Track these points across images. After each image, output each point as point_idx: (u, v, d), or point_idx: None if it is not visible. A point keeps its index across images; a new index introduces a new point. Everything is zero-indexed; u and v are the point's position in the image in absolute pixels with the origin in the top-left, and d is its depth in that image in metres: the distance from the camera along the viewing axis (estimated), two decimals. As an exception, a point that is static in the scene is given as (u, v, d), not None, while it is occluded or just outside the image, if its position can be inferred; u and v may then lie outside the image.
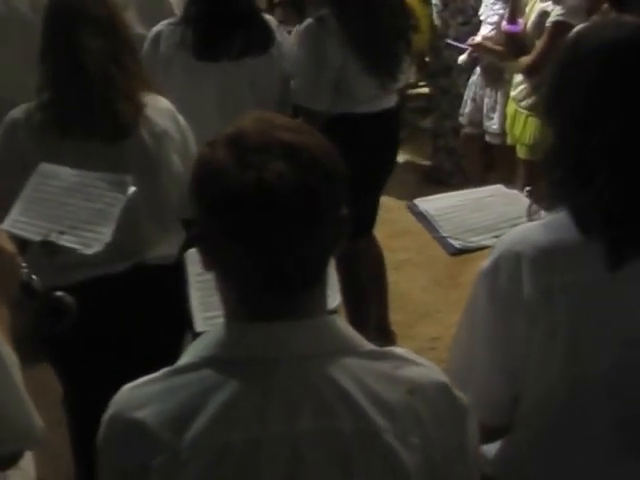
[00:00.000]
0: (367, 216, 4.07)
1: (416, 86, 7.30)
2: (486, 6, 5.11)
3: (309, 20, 3.69)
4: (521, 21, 4.55)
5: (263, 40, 3.55)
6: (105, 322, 2.70)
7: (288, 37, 3.75)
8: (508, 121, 4.77)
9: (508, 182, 3.35)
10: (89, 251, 2.44)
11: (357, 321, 4.01)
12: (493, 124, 5.17)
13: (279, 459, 1.36)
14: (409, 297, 4.83)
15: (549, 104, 1.78)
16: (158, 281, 2.78)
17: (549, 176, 1.74)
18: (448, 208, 2.55)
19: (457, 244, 2.40)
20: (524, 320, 1.71)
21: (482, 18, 5.13)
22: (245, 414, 1.37)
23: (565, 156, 1.71)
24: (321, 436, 1.37)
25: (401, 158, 6.67)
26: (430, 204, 2.58)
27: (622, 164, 1.65)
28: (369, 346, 1.46)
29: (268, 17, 3.72)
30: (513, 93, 4.67)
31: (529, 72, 4.40)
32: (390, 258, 4.76)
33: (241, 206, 1.33)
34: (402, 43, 3.75)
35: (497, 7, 4.99)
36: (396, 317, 4.47)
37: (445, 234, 2.45)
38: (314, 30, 3.63)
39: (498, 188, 2.65)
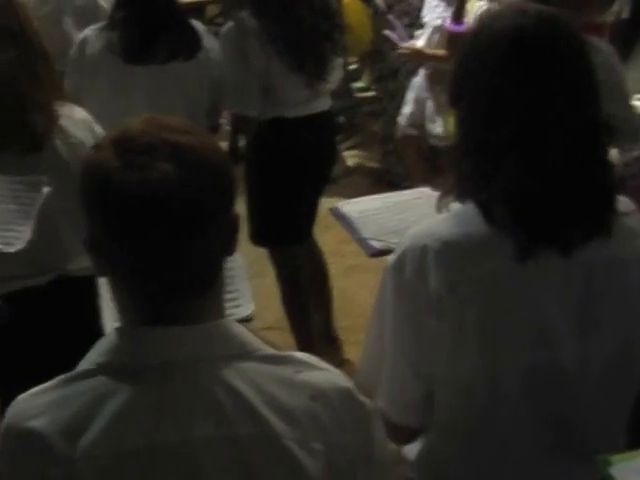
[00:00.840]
0: (305, 222, 4.01)
1: (369, 89, 7.28)
2: (428, 9, 5.08)
3: (229, 23, 3.65)
4: (466, 21, 4.52)
5: (190, 45, 3.54)
6: (28, 335, 2.67)
7: (216, 42, 3.71)
8: (451, 123, 4.74)
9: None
10: (11, 249, 2.42)
11: (301, 327, 3.98)
12: (437, 126, 5.14)
13: (175, 467, 1.34)
14: (357, 302, 4.78)
15: (454, 94, 1.76)
16: (81, 293, 2.73)
17: (457, 169, 1.72)
18: (371, 211, 2.57)
19: (378, 245, 2.43)
20: (432, 315, 1.69)
21: (425, 20, 5.09)
22: (139, 421, 1.35)
23: (472, 148, 1.70)
24: (218, 442, 1.35)
25: (352, 162, 6.67)
26: (353, 207, 2.61)
27: (528, 156, 1.64)
28: (268, 351, 1.43)
29: (195, 22, 3.70)
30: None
31: None
32: (340, 263, 4.72)
33: (126, 208, 1.31)
34: (327, 43, 3.70)
35: (440, 10, 4.96)
36: (343, 322, 4.43)
37: (366, 235, 2.47)
38: (234, 33, 3.60)
39: (423, 191, 2.65)
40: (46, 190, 2.51)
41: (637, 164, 2.79)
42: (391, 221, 2.50)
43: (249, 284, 2.22)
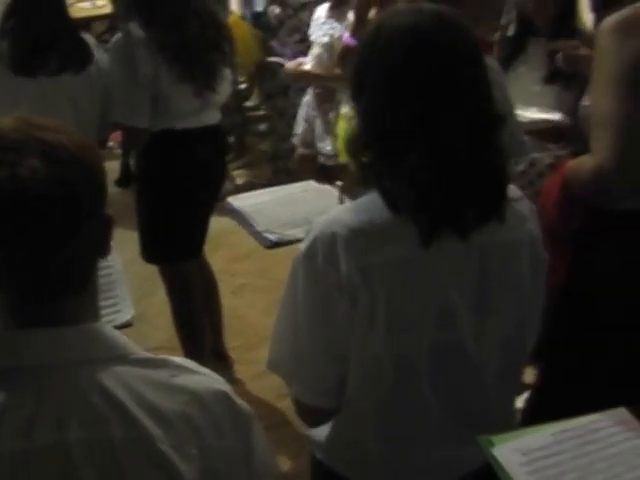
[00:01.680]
0: (196, 239, 3.98)
1: (258, 108, 7.29)
2: (316, 26, 5.11)
3: (117, 35, 3.62)
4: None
5: (81, 58, 3.51)
6: None
7: (106, 56, 3.66)
8: (340, 139, 4.75)
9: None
10: None
11: (192, 345, 3.94)
12: (327, 145, 5.17)
13: (49, 471, 1.32)
14: (248, 321, 4.78)
15: (355, 90, 1.80)
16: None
17: (358, 160, 1.79)
18: (262, 204, 2.64)
19: (273, 237, 2.50)
20: (344, 300, 1.74)
21: (312, 38, 5.12)
22: (13, 425, 1.32)
23: (374, 140, 1.75)
24: (92, 446, 1.33)
25: (241, 180, 6.65)
26: (244, 201, 2.67)
27: (428, 145, 1.70)
28: (144, 354, 1.43)
29: (86, 36, 3.67)
30: (344, 110, 4.66)
31: None
32: (230, 282, 4.70)
33: None
34: (216, 54, 3.69)
35: (326, 27, 4.99)
36: (235, 342, 4.42)
37: (260, 229, 2.53)
38: (122, 42, 3.56)
39: (309, 184, 2.72)
40: None
41: (523, 178, 2.86)
42: (283, 213, 2.57)
43: (131, 296, 2.19)
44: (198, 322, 3.99)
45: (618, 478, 1.56)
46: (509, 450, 1.61)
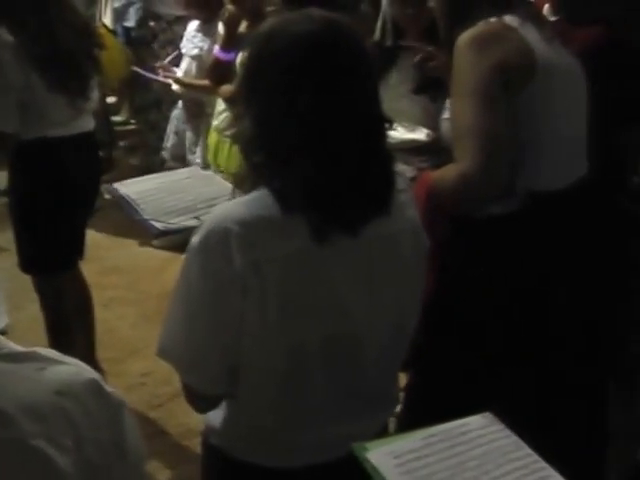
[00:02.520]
0: (71, 249, 3.96)
1: (127, 123, 7.24)
2: (187, 39, 5.15)
3: None
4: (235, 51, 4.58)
5: None
6: None
7: None
8: (211, 151, 4.79)
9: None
10: None
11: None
12: (196, 158, 5.20)
13: None
14: (118, 334, 4.76)
15: (247, 94, 1.85)
16: None
17: (249, 160, 1.83)
18: (148, 191, 2.58)
19: (160, 226, 2.44)
20: (237, 293, 1.78)
21: (183, 51, 5.15)
22: None
23: (265, 141, 1.80)
24: None
25: (110, 196, 6.59)
26: (130, 188, 2.60)
27: (319, 147, 1.76)
28: (12, 348, 1.40)
29: None
30: (216, 122, 4.70)
31: (233, 101, 4.44)
32: (99, 295, 4.67)
33: None
34: (88, 61, 3.68)
35: (197, 40, 5.04)
36: (105, 354, 4.39)
37: (147, 217, 2.48)
38: None
39: (194, 169, 2.70)
40: None
41: None
42: (168, 201, 2.53)
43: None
44: (70, 333, 3.96)
45: (487, 475, 1.64)
46: (382, 454, 1.67)
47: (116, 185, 2.61)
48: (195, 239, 1.82)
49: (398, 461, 1.66)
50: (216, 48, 4.60)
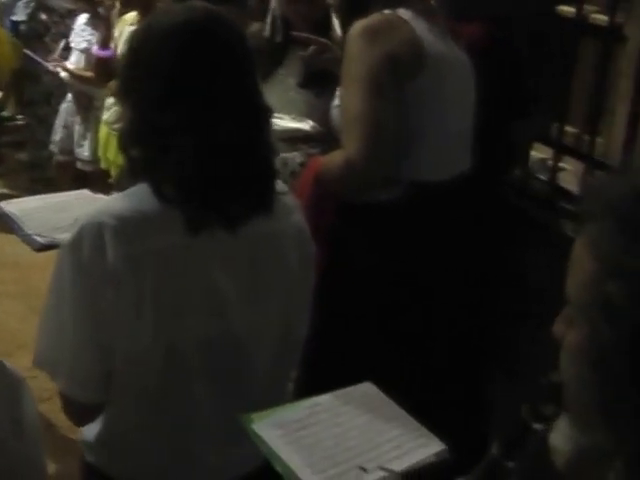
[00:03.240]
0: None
1: (14, 119, 7.12)
2: (76, 33, 5.11)
3: None
4: (112, 46, 4.58)
5: None
6: None
7: None
8: (101, 145, 4.77)
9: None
10: None
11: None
12: (84, 151, 5.16)
13: None
14: (6, 328, 4.69)
15: (125, 86, 1.83)
16: None
17: (128, 152, 1.80)
18: (33, 209, 2.63)
19: (42, 240, 2.48)
20: (111, 290, 1.72)
21: (72, 45, 5.12)
22: None
23: (143, 133, 1.76)
24: None
25: (-2, 193, 6.48)
26: (16, 206, 2.66)
27: (196, 138, 1.72)
28: None
29: None
30: (105, 116, 4.68)
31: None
32: (-15, 290, 4.59)
33: None
34: None
35: (86, 33, 5.01)
36: (-6, 348, 4.31)
37: (30, 232, 2.51)
38: None
39: (83, 192, 2.76)
40: None
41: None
42: (53, 219, 2.56)
43: None
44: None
45: (370, 442, 1.68)
46: (267, 425, 1.69)
47: (2, 204, 2.65)
48: (68, 236, 1.76)
49: (283, 431, 1.68)
50: (95, 47, 4.60)
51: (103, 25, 4.53)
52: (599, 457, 1.02)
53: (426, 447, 1.67)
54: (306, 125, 3.25)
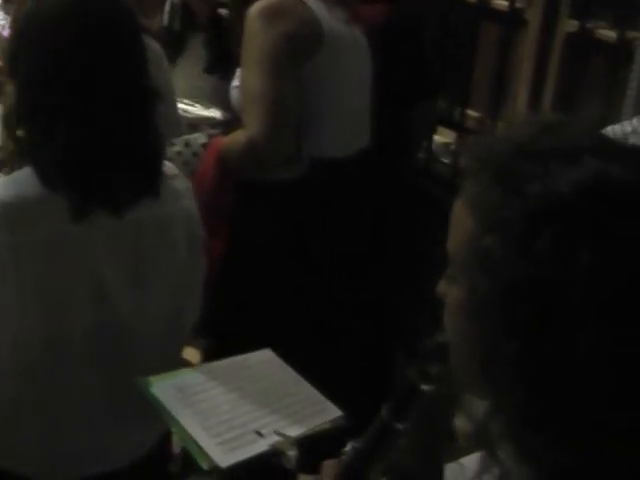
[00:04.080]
0: None
1: None
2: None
3: None
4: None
5: None
6: None
7: None
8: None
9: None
10: None
11: None
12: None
13: None
14: None
15: (11, 63, 1.80)
16: None
17: (12, 134, 1.77)
18: None
19: None
20: None
21: (-15, 30, 5.00)
22: None
23: (27, 114, 1.74)
24: None
25: None
26: None
27: (80, 121, 1.70)
28: None
29: None
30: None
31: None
32: None
33: None
34: None
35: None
36: None
37: None
38: None
39: None
40: None
41: (178, 159, 2.92)
42: None
43: None
44: None
45: (267, 407, 1.69)
46: (166, 387, 1.69)
47: None
48: None
49: (181, 394, 1.68)
50: (5, 31, 4.50)
51: (15, 9, 4.40)
52: (485, 416, 1.03)
53: (322, 413, 1.69)
54: (217, 113, 3.25)
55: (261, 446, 1.58)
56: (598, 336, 0.87)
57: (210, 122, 3.23)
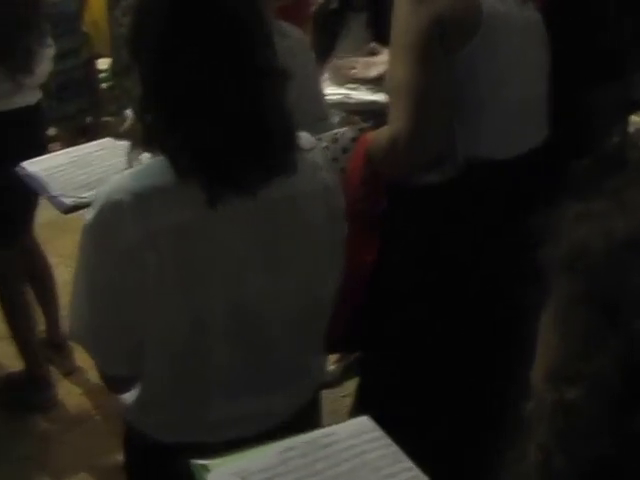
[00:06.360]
0: (11, 222, 3.71)
1: None
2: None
3: None
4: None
5: None
6: None
7: None
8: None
9: None
10: None
11: (20, 335, 3.77)
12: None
13: None
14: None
15: (132, 55, 1.80)
16: None
17: (141, 122, 1.78)
18: (57, 167, 2.57)
19: (69, 201, 2.42)
20: (134, 267, 1.74)
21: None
22: None
23: (152, 101, 1.75)
24: None
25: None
26: (39, 165, 2.59)
27: (205, 106, 1.70)
28: None
29: None
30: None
31: None
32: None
33: None
34: (31, 34, 3.44)
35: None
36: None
37: (55, 193, 2.45)
38: None
39: (106, 141, 2.67)
40: None
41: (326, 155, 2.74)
42: (78, 176, 2.51)
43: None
44: (24, 310, 3.81)
45: None
46: (225, 475, 1.47)
47: (24, 164, 2.58)
48: (89, 215, 1.78)
49: None
50: None
51: None
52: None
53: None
54: (382, 97, 3.03)
55: None
56: None
57: (375, 107, 3.02)
